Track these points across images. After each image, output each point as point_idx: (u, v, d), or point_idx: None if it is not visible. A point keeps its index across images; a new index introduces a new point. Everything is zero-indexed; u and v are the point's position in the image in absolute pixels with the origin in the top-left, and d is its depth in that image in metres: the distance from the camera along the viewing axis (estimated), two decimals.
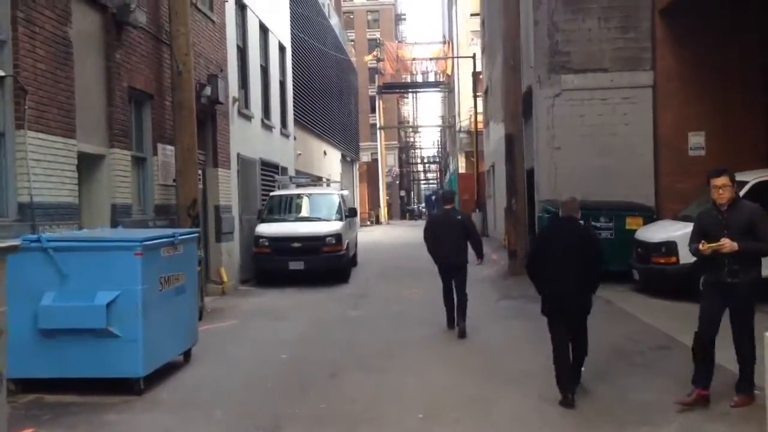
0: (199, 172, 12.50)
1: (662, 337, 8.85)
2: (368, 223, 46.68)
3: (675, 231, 11.95)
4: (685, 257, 11.49)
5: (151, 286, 7.00)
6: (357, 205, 39.04)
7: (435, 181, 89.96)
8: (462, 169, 47.74)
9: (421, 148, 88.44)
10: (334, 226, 15.78)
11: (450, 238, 9.75)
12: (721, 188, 6.05)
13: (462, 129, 49.55)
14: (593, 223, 13.73)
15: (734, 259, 5.92)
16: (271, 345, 9.19)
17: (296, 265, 15.17)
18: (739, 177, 12.49)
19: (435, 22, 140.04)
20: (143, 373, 6.87)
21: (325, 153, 30.35)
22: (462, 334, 9.35)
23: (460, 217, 10.25)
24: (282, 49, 21.13)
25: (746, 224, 5.97)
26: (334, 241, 15.40)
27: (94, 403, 6.56)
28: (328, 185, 24.49)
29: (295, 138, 23.09)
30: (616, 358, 7.87)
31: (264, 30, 18.92)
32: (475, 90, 31.80)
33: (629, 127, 14.95)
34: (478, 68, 31.42)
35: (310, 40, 26.86)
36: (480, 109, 32.40)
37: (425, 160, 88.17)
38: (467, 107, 49.60)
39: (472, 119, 47.50)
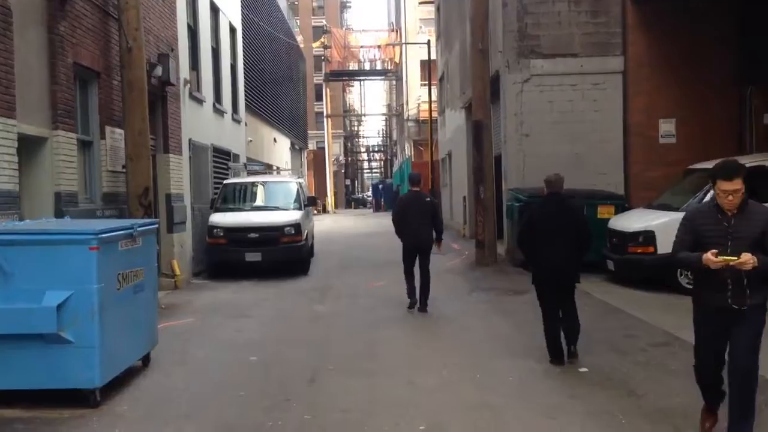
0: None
1: (659, 333, 8.40)
2: (315, 212, 45.75)
3: (652, 220, 11.62)
4: (663, 247, 11.23)
5: (108, 285, 6.16)
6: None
7: (378, 171, 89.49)
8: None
9: (365, 137, 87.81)
10: (293, 215, 14.98)
11: (418, 218, 10.14)
12: (732, 193, 4.58)
13: (410, 118, 49.12)
14: None
15: (740, 278, 4.60)
16: (236, 346, 8.40)
17: (253, 257, 14.33)
18: (704, 165, 12.37)
19: (380, 10, 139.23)
20: (100, 383, 6.04)
21: (275, 140, 29.38)
22: (423, 309, 10.13)
23: (428, 198, 10.61)
24: (233, 30, 20.12)
25: (759, 234, 4.61)
26: (293, 231, 14.61)
27: (43, 419, 5.72)
28: (278, 173, 23.62)
29: (246, 124, 22.11)
30: (620, 357, 7.36)
31: (215, 9, 17.90)
32: (429, 78, 31.23)
33: (599, 113, 14.60)
34: (432, 56, 30.84)
35: (261, 22, 25.83)
36: (434, 97, 31.83)
37: (370, 149, 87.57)
38: (415, 96, 49.21)
39: (421, 108, 47.36)
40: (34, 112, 8.49)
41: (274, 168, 25.74)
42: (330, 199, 52.19)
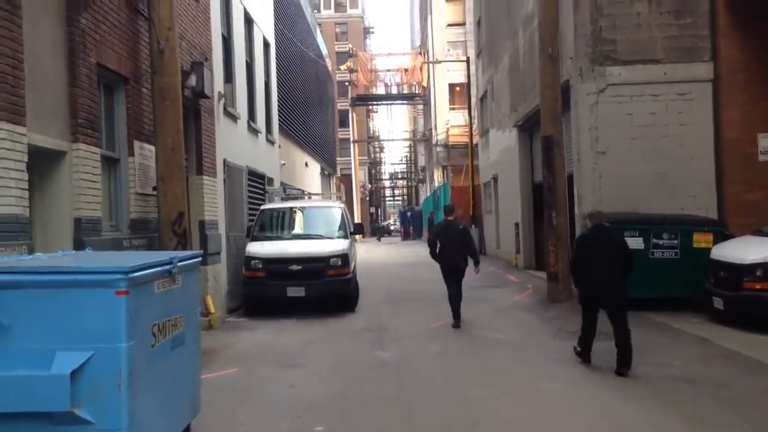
0: None
1: None
2: None
3: None
4: None
5: (140, 342, 4.54)
6: None
7: (400, 198, 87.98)
8: (437, 183, 45.60)
9: (387, 164, 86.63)
10: (339, 244, 13.33)
11: (453, 245, 11.31)
12: None
13: (439, 143, 47.67)
14: (654, 240, 11.59)
15: None
16: (294, 408, 6.72)
17: (296, 292, 12.68)
18: None
19: (402, 35, 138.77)
20: None
21: (306, 164, 27.91)
22: (456, 325, 11.10)
23: (461, 227, 11.93)
24: (266, 45, 18.74)
25: None
26: (339, 263, 12.95)
27: None
28: (309, 199, 22.00)
29: (279, 146, 20.64)
30: None
31: (249, 21, 16.52)
32: (469, 99, 29.66)
33: (686, 127, 12.88)
34: (472, 73, 29.30)
35: (295, 39, 24.51)
36: (467, 120, 30.21)
37: (393, 176, 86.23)
38: (444, 120, 47.79)
39: (450, 132, 45.82)
40: (49, 120, 6.96)
41: (306, 193, 24.20)
42: None
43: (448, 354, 9.14)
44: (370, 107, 75.12)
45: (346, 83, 57.10)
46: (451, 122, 46.76)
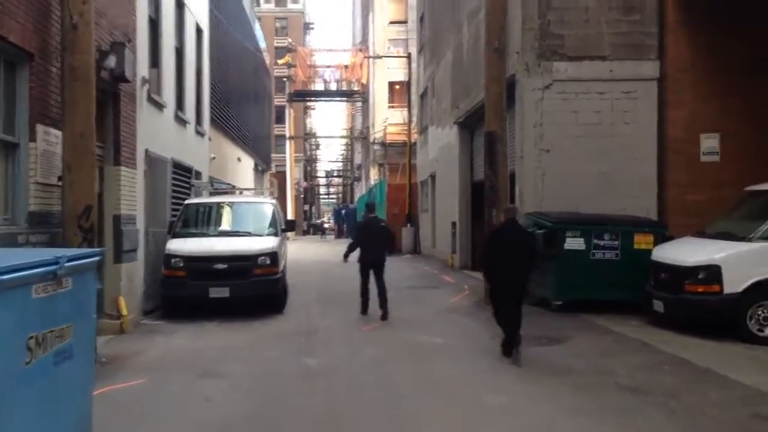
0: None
1: None
2: None
3: (715, 252, 9.56)
4: (731, 285, 9.21)
5: (8, 358, 3.72)
6: None
7: (335, 196, 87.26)
8: (373, 182, 44.99)
9: (324, 162, 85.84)
10: (268, 242, 12.53)
11: (375, 240, 11.85)
12: None
13: (377, 141, 47.15)
14: (595, 240, 11.24)
15: None
16: (206, 429, 5.96)
17: (219, 292, 11.82)
18: None
19: (344, 32, 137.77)
20: None
21: (239, 159, 26.88)
22: (384, 317, 11.39)
23: (383, 224, 12.81)
24: (200, 31, 17.72)
25: None
26: (268, 262, 12.16)
27: None
28: (241, 194, 21.05)
29: (210, 139, 19.64)
30: None
31: (180, 4, 15.49)
32: (409, 95, 29.17)
33: (630, 126, 12.60)
34: (413, 70, 28.77)
35: (231, 29, 23.49)
36: (407, 119, 29.71)
37: (329, 174, 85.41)
38: (382, 118, 47.27)
39: (388, 130, 45.31)
40: None
41: (237, 189, 23.17)
42: None
43: (382, 360, 8.50)
44: (308, 104, 74.14)
45: (284, 79, 56.06)
46: (389, 120, 46.26)
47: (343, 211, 57.72)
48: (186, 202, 13.63)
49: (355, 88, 55.24)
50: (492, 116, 12.18)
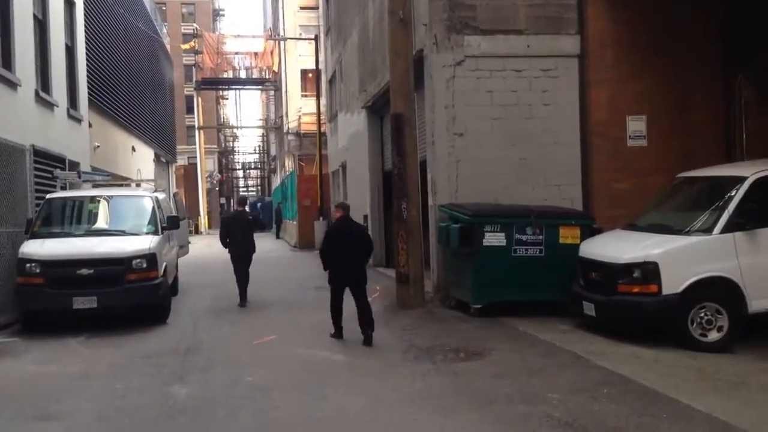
0: None
1: None
2: (189, 231, 40.85)
3: (651, 247, 8.45)
4: (670, 284, 8.13)
5: None
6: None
7: (254, 188, 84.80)
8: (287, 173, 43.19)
9: (241, 153, 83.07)
10: (144, 242, 10.76)
11: (243, 233, 12.46)
12: None
13: (291, 131, 45.43)
14: (517, 235, 10.03)
15: None
16: None
17: (85, 303, 10.07)
18: (727, 171, 9.39)
19: (256, 19, 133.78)
20: None
21: (133, 149, 24.67)
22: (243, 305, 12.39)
23: (251, 216, 13.74)
24: (70, 3, 15.63)
25: None
26: (144, 265, 10.42)
27: None
28: (138, 187, 19.03)
29: (90, 125, 17.53)
30: None
31: None
32: (318, 80, 27.55)
33: (550, 108, 11.42)
34: (320, 53, 27.13)
35: (119, 7, 21.25)
36: (322, 108, 28.07)
37: (246, 166, 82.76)
38: (296, 107, 45.53)
39: (302, 120, 43.59)
40: None
41: (133, 182, 21.02)
42: (203, 219, 47.11)
43: (267, 388, 6.94)
44: (220, 93, 71.32)
45: (192, 66, 53.34)
46: (303, 110, 44.55)
47: (259, 204, 55.70)
48: (47, 196, 11.65)
49: (267, 76, 53.18)
50: (398, 96, 10.77)
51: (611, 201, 11.00)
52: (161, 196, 13.93)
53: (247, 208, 14.56)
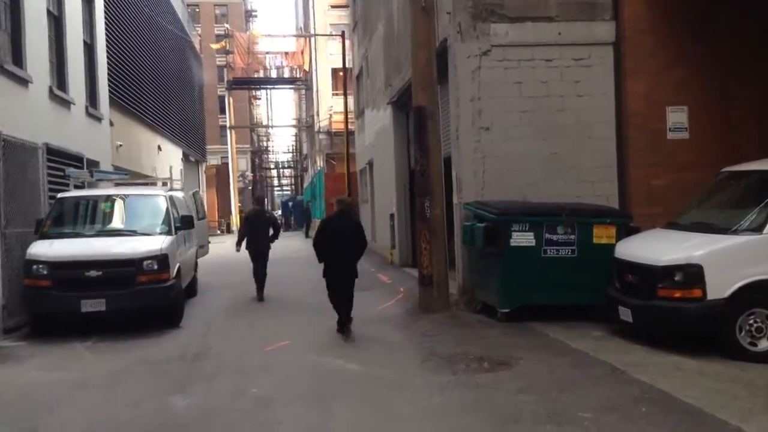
0: None
1: None
2: (218, 232, 40.80)
3: (694, 249, 7.70)
4: (715, 289, 7.38)
5: None
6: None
7: (289, 188, 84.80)
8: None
9: (275, 153, 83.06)
10: (156, 242, 10.35)
11: (260, 230, 12.99)
12: None
13: (321, 130, 45.11)
14: (547, 235, 9.36)
15: None
16: None
17: (93, 306, 9.69)
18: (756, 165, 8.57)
19: (288, 20, 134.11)
20: None
21: (159, 148, 24.43)
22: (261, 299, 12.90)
23: (268, 214, 14.07)
24: (88, 0, 15.32)
25: None
26: (156, 267, 10.01)
27: None
28: (164, 186, 18.72)
29: (112, 123, 17.25)
30: None
31: None
32: (345, 74, 27.07)
33: (584, 99, 10.68)
34: (347, 50, 26.63)
35: (143, 6, 20.99)
36: (350, 107, 27.59)
37: (279, 165, 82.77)
38: (327, 106, 45.21)
39: (333, 119, 43.19)
40: None
41: (159, 180, 20.70)
42: (235, 218, 47.04)
43: (272, 400, 6.41)
44: (253, 93, 71.42)
45: (224, 67, 53.28)
46: (334, 108, 44.20)
47: (290, 203, 55.55)
48: (59, 196, 11.30)
49: (298, 76, 52.92)
50: (420, 89, 10.17)
51: (649, 198, 10.25)
52: (178, 194, 13.56)
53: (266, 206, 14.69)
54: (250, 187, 68.88)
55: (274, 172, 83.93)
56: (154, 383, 7.27)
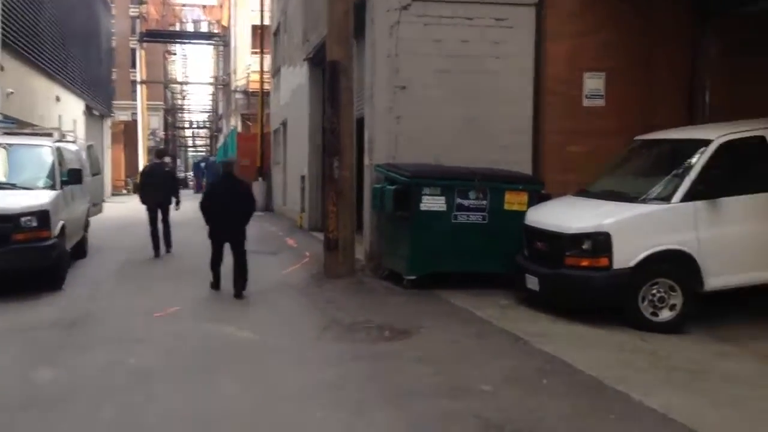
0: None
1: None
2: (124, 192, 38.97)
3: (604, 216, 7.53)
4: (622, 258, 7.22)
5: None
6: (107, 170, 31.53)
7: (204, 149, 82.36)
8: None
9: (190, 112, 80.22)
10: (37, 198, 9.41)
11: (157, 184, 12.41)
12: None
13: (238, 89, 43.63)
14: (459, 200, 9.01)
15: None
16: None
17: None
18: (690, 134, 8.45)
19: None
20: None
21: (58, 98, 22.83)
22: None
23: (168, 168, 13.72)
24: None
25: None
26: (35, 223, 9.08)
27: None
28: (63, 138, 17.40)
29: (2, 68, 15.85)
30: None
31: None
32: (262, 36, 25.97)
33: (502, 61, 10.29)
34: (265, 5, 25.54)
35: None
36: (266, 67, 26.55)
37: (194, 125, 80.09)
38: (245, 65, 43.66)
39: (251, 78, 41.75)
40: None
41: (54, 132, 19.28)
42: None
43: (150, 374, 5.80)
44: (167, 48, 68.46)
45: (137, 18, 50.79)
46: (252, 67, 42.70)
47: (203, 164, 53.80)
48: None
49: (216, 31, 50.99)
50: (335, 42, 9.55)
51: (563, 165, 10.02)
52: (70, 147, 12.52)
53: (166, 160, 14.86)
54: (161, 146, 66.43)
55: (188, 132, 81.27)
56: (23, 351, 6.53)
